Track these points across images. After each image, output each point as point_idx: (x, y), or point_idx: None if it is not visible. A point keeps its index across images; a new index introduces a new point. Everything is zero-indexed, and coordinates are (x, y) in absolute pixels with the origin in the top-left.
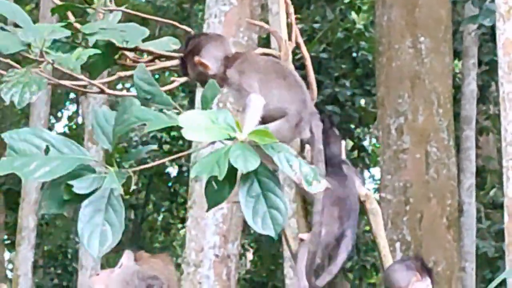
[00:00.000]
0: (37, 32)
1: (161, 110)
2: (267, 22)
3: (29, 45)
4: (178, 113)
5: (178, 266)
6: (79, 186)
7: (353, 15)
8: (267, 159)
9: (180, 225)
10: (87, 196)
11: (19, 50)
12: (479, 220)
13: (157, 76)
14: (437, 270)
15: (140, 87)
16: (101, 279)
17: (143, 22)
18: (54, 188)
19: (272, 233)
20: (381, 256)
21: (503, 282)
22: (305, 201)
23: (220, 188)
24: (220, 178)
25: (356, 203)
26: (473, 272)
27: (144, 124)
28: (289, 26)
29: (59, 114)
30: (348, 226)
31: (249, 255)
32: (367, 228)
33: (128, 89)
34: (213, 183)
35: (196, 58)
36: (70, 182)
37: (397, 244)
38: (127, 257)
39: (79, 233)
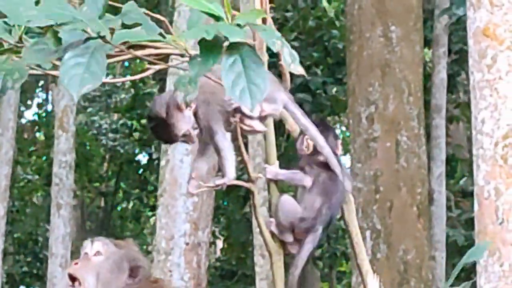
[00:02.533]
0: (16, 18)
1: None
2: (238, 10)
3: (9, 31)
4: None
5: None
6: (66, 34)
7: (324, 3)
8: None
9: (150, 213)
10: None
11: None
12: (449, 208)
13: (127, 65)
14: (407, 258)
15: (128, 17)
16: (88, 268)
17: (115, 10)
18: (41, 42)
19: (248, 105)
20: (353, 244)
21: (473, 267)
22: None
23: (204, 60)
24: (209, 37)
25: (337, 207)
26: (443, 261)
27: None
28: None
29: (29, 102)
30: (322, 222)
31: (219, 243)
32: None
33: None
34: (197, 58)
35: (183, 103)
36: (57, 29)
37: (367, 233)
38: (105, 244)
39: (60, 78)
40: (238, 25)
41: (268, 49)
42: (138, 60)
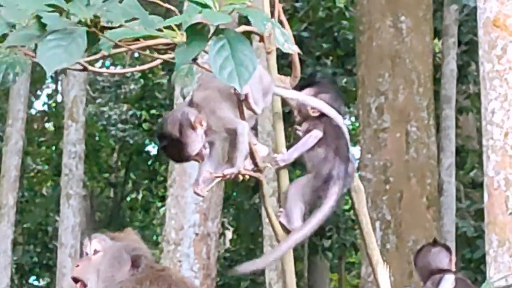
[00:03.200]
0: (20, 13)
1: None
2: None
3: (13, 26)
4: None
5: (157, 244)
6: (49, 19)
7: None
8: None
9: (159, 204)
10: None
11: (5, 31)
12: (458, 199)
13: (136, 55)
14: (417, 249)
15: (126, 12)
16: (88, 267)
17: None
18: (26, 28)
19: (237, 85)
20: (363, 233)
21: (483, 258)
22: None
23: (190, 47)
24: (190, 21)
25: (348, 159)
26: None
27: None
28: (271, 4)
29: (38, 93)
30: (340, 171)
31: (229, 234)
32: (347, 207)
33: (108, 68)
34: (184, 45)
35: (195, 119)
36: (40, 14)
37: (377, 223)
38: (102, 240)
39: (37, 55)
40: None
41: None
42: (147, 51)
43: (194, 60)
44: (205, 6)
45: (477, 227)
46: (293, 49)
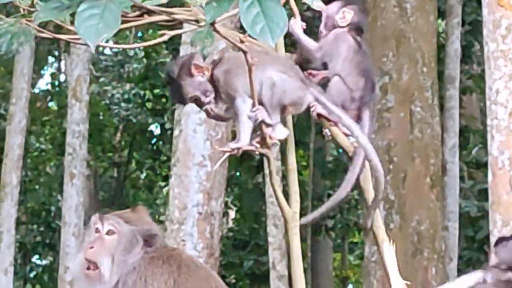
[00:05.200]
0: None
1: None
2: None
3: None
4: None
5: (161, 223)
6: None
7: None
8: None
9: (163, 183)
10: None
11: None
12: (462, 179)
13: (140, 34)
14: (421, 229)
15: None
16: (102, 250)
17: None
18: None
19: (270, 41)
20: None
21: (486, 238)
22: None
23: (219, 3)
24: None
25: (374, 78)
26: (456, 231)
27: None
28: None
29: (42, 72)
30: (370, 102)
31: (232, 213)
32: None
33: (111, 48)
34: (212, 3)
35: (194, 66)
36: None
37: (381, 203)
38: (117, 222)
39: (76, 29)
40: None
41: None
42: (150, 31)
43: (213, 24)
44: None
45: (480, 207)
46: (321, 7)
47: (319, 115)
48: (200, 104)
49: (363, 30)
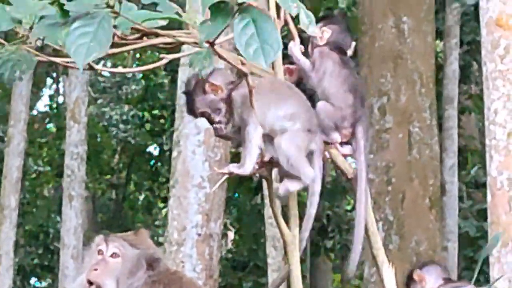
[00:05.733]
0: (28, 8)
1: None
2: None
3: (19, 21)
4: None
5: (160, 245)
6: (72, 5)
7: None
8: None
9: (161, 205)
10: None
11: (10, 27)
12: (461, 199)
13: (138, 55)
14: (420, 249)
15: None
16: (108, 273)
17: None
18: (49, 17)
19: (263, 63)
20: (369, 233)
21: (486, 258)
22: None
23: (214, 23)
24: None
25: (363, 97)
26: (456, 252)
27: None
28: (277, 4)
29: (40, 93)
30: (360, 111)
31: (231, 235)
32: (349, 207)
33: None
34: (207, 22)
35: (208, 84)
36: (62, 1)
37: (380, 224)
38: (122, 245)
39: (66, 47)
40: None
41: None
42: (149, 52)
43: (212, 44)
44: None
45: (480, 227)
46: (316, 33)
47: None
48: (210, 120)
49: (345, 50)
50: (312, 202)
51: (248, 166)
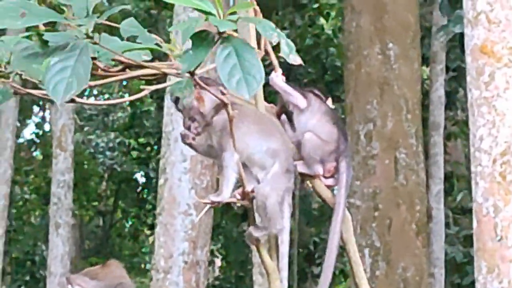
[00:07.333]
0: (3, 44)
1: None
2: (235, 30)
3: None
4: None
5: (146, 272)
6: (51, 36)
7: (322, 21)
8: None
9: (148, 232)
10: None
11: None
12: (447, 225)
13: (125, 83)
14: (406, 275)
15: (126, 30)
16: None
17: (111, 30)
18: (28, 48)
19: (246, 94)
20: (351, 262)
21: (472, 284)
22: None
23: (196, 53)
24: (199, 25)
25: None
26: (442, 278)
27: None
28: (258, 33)
29: (27, 121)
30: (345, 148)
31: (218, 262)
32: None
33: (96, 97)
34: (189, 52)
35: (196, 92)
36: (42, 31)
37: (366, 250)
38: (84, 281)
39: (44, 84)
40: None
41: None
42: (135, 79)
43: (192, 73)
44: (209, 13)
45: (466, 253)
46: (297, 61)
47: (300, 173)
48: (183, 123)
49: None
50: (282, 252)
51: (225, 193)
